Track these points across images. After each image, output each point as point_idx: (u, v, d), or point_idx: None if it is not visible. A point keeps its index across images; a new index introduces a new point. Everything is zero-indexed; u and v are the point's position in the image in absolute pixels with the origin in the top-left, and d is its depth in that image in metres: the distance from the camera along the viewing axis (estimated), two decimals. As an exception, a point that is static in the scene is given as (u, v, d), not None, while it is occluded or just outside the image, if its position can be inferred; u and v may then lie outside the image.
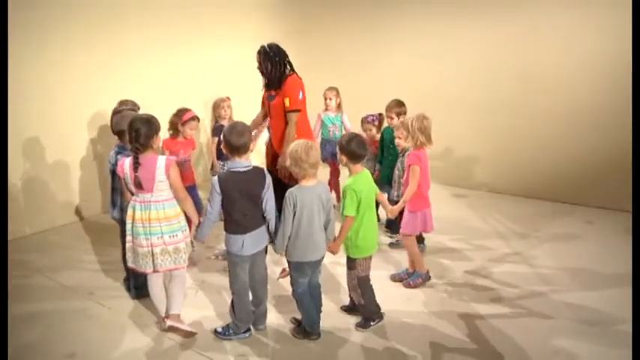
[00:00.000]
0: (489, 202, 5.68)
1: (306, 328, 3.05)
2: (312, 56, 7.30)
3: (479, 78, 5.84)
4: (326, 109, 5.10)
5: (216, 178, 2.85)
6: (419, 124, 3.47)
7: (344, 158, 3.03)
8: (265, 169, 3.07)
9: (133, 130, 2.84)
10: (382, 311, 3.22)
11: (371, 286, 3.17)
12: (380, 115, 4.53)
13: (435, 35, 6.08)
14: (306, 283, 3.01)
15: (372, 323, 3.16)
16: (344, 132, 5.01)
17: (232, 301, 3.04)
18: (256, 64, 3.88)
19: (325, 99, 5.04)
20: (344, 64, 6.94)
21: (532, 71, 5.48)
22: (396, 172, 4.09)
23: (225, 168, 4.09)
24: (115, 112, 3.54)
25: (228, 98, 4.90)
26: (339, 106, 5.06)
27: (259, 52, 3.85)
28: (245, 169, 2.83)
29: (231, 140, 2.77)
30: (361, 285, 3.12)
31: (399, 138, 3.85)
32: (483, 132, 5.95)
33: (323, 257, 3.03)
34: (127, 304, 3.51)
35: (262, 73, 3.86)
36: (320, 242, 2.94)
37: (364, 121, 4.62)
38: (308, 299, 3.01)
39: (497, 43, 5.65)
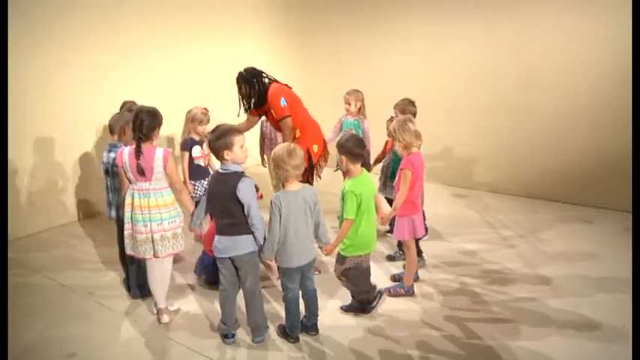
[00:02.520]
0: (489, 202, 5.68)
1: (286, 330, 3.07)
2: (312, 56, 7.31)
3: (479, 78, 5.83)
4: (347, 114, 4.80)
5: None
6: (401, 127, 3.35)
7: (343, 159, 3.03)
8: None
9: (138, 120, 2.97)
10: (378, 289, 3.22)
11: (365, 269, 3.17)
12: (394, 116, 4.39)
13: (435, 35, 6.07)
14: (297, 288, 3.00)
15: (372, 305, 3.17)
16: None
17: None
18: (238, 93, 4.07)
19: (345, 103, 4.75)
20: (344, 63, 6.94)
21: (532, 71, 5.47)
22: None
23: (197, 191, 4.18)
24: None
25: (207, 110, 4.52)
26: (359, 110, 4.78)
27: (237, 79, 4.05)
28: (223, 171, 2.82)
29: (210, 143, 2.85)
30: (351, 273, 3.13)
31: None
32: (483, 132, 5.95)
33: (313, 261, 3.01)
34: (127, 304, 3.51)
35: (243, 97, 4.06)
36: (307, 247, 2.92)
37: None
38: (295, 306, 3.00)
39: (497, 43, 5.64)
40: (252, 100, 4.04)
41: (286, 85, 4.11)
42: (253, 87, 3.99)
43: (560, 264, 4.02)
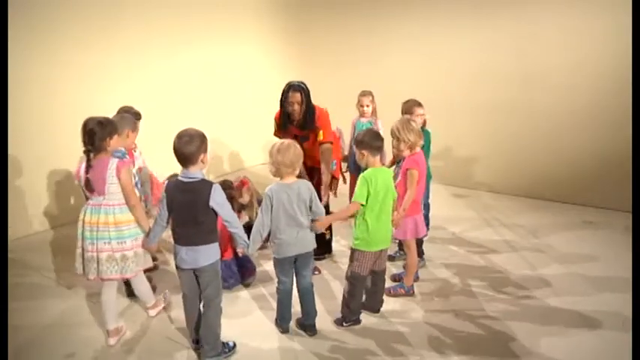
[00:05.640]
0: (489, 202, 5.68)
1: (277, 320, 3.15)
2: (312, 55, 7.31)
3: (479, 78, 5.84)
4: (361, 116, 4.72)
5: (166, 182, 2.77)
6: (405, 126, 3.33)
7: (364, 152, 3.03)
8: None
9: (85, 132, 2.80)
10: (360, 318, 3.21)
11: (362, 288, 3.16)
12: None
13: (435, 35, 6.08)
14: (289, 282, 3.05)
15: (344, 324, 3.18)
16: None
17: None
18: (292, 104, 3.63)
19: (362, 106, 4.64)
20: (344, 63, 6.95)
21: (533, 71, 5.47)
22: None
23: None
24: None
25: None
26: (373, 112, 4.70)
27: (301, 91, 3.62)
28: (189, 179, 2.63)
29: (178, 148, 2.60)
30: (352, 280, 3.12)
31: (394, 148, 3.45)
32: (484, 132, 5.95)
33: (309, 256, 3.02)
34: (127, 304, 3.51)
35: (302, 112, 3.65)
36: (301, 239, 2.93)
37: None
38: (286, 297, 3.07)
39: (497, 44, 5.64)
40: (302, 117, 3.68)
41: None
42: (310, 105, 3.67)
43: (560, 264, 4.02)
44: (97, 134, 2.80)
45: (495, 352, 2.90)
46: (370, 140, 3.04)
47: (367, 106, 4.65)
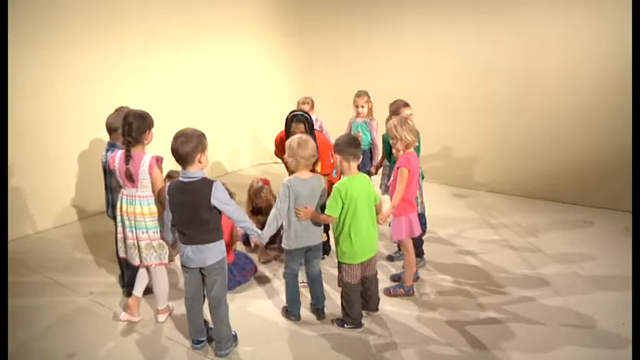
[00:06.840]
0: (489, 202, 5.67)
1: (287, 307, 3.24)
2: (311, 55, 7.31)
3: (480, 79, 5.83)
4: (357, 116, 4.75)
5: (168, 183, 2.81)
6: (402, 125, 3.32)
7: (338, 157, 3.03)
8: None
9: (126, 124, 2.92)
10: (362, 321, 3.19)
11: (358, 294, 3.16)
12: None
13: (435, 35, 6.08)
14: (297, 268, 3.19)
15: (345, 326, 3.17)
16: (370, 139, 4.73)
17: None
18: (295, 134, 3.55)
19: (357, 107, 4.68)
20: (343, 63, 6.94)
21: (533, 72, 5.47)
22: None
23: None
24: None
25: (267, 182, 4.42)
26: (369, 112, 4.72)
27: (305, 122, 3.67)
28: (188, 179, 2.66)
29: (175, 148, 2.63)
30: (347, 290, 3.12)
31: (393, 147, 3.46)
32: (484, 132, 5.95)
33: (318, 248, 3.18)
34: (127, 304, 3.51)
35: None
36: (312, 231, 3.09)
37: None
38: (292, 282, 3.20)
39: (498, 44, 5.64)
40: None
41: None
42: (313, 136, 3.62)
43: (560, 264, 4.02)
44: (136, 127, 2.92)
45: (494, 353, 2.90)
46: (343, 145, 3.01)
47: (362, 106, 4.68)
